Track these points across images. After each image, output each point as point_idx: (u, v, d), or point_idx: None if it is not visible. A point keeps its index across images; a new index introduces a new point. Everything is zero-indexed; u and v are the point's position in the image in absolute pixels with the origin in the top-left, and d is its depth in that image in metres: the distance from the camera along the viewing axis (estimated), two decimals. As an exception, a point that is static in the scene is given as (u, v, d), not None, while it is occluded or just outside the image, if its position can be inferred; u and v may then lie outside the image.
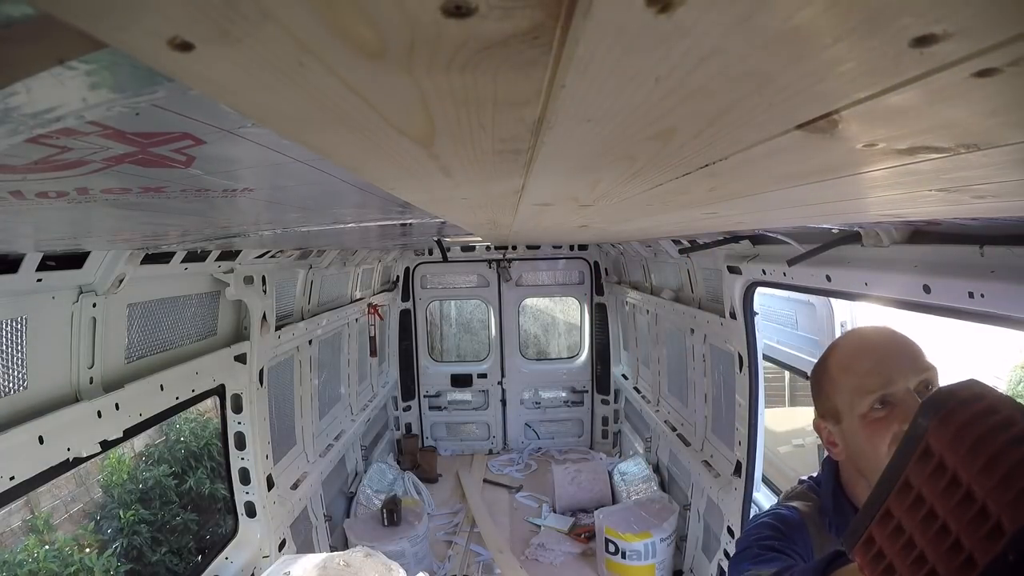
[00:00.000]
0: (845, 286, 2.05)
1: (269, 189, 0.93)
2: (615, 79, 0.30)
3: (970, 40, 0.24)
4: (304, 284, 3.75)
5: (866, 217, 1.36)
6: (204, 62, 0.26)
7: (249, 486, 3.00)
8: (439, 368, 6.71)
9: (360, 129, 0.39)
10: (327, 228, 1.77)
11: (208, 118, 0.48)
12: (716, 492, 3.51)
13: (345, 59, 0.26)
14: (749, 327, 3.07)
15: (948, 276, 1.51)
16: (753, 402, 3.13)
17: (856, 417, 0.93)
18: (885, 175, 0.59)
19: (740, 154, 0.49)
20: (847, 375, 0.96)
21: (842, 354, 1.00)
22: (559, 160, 0.53)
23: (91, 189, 0.71)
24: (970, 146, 0.44)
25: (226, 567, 2.81)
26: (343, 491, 4.71)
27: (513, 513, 5.19)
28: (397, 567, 2.13)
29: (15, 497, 1.66)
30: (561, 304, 9.46)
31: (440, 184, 0.64)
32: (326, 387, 4.42)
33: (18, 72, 0.32)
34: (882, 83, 0.30)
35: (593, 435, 6.57)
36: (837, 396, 0.97)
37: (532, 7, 0.22)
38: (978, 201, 0.74)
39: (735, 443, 3.29)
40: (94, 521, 5.73)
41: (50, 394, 1.82)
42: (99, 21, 0.23)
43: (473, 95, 0.32)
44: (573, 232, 2.20)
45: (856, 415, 0.93)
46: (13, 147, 0.48)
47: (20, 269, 1.56)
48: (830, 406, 0.99)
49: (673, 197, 0.86)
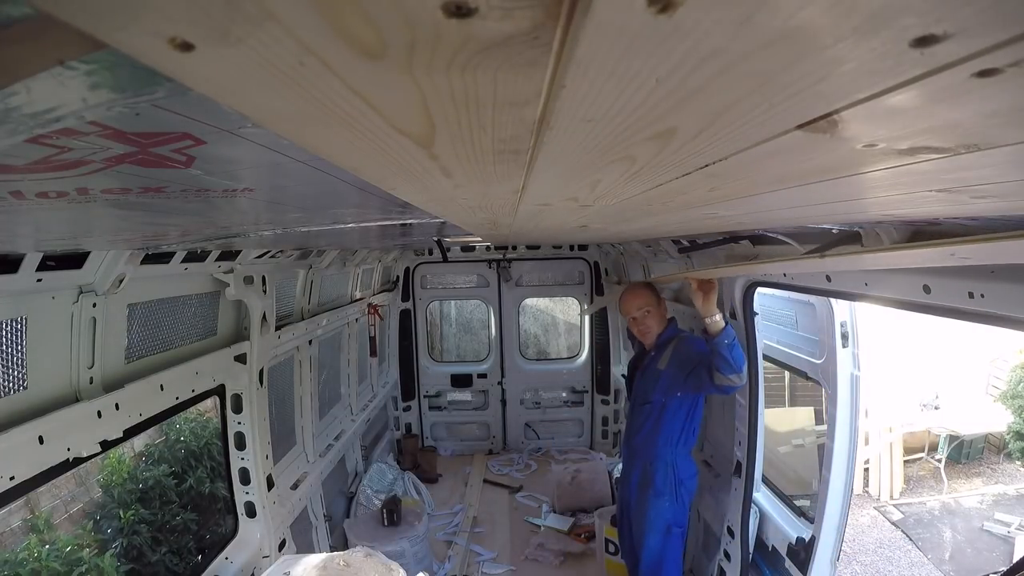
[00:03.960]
0: (845, 286, 2.05)
1: (269, 189, 0.93)
2: (615, 79, 0.30)
3: (971, 40, 0.24)
4: (304, 284, 3.75)
5: (866, 217, 1.36)
6: (204, 62, 0.26)
7: (249, 486, 3.00)
8: (439, 368, 6.71)
9: (360, 129, 0.39)
10: (327, 228, 1.77)
11: (208, 118, 0.48)
12: (716, 492, 3.51)
13: (345, 59, 0.26)
14: (749, 327, 3.07)
15: (948, 276, 1.51)
16: (753, 402, 3.13)
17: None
18: (885, 175, 0.59)
19: (740, 154, 0.49)
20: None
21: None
22: (559, 160, 0.53)
23: (91, 189, 0.71)
24: (970, 146, 0.44)
25: (226, 567, 2.81)
26: (343, 491, 4.71)
27: (513, 513, 5.19)
28: (397, 567, 2.13)
29: (15, 497, 1.66)
30: (561, 304, 9.46)
31: (440, 184, 0.64)
32: (326, 387, 4.42)
33: (18, 72, 0.32)
34: (883, 83, 0.30)
35: (593, 435, 6.56)
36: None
37: (532, 7, 0.22)
38: (978, 201, 0.74)
39: (735, 443, 3.29)
40: (94, 521, 5.72)
41: (50, 394, 1.82)
42: (99, 21, 0.23)
43: (473, 95, 0.32)
44: (573, 232, 2.20)
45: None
46: (13, 147, 0.48)
47: (20, 269, 1.55)
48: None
49: (673, 197, 0.86)
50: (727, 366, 2.81)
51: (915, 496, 10.73)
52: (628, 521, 3.40)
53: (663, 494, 3.15)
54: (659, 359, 3.24)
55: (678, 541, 3.20)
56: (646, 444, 3.22)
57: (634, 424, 3.36)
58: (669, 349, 3.22)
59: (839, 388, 2.61)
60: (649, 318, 3.27)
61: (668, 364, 3.17)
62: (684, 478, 3.18)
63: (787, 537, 2.93)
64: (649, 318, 3.27)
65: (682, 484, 3.17)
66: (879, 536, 9.66)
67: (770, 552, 3.10)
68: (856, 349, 2.60)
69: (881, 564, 8.97)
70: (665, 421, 3.16)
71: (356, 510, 4.57)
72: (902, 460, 10.99)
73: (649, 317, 3.27)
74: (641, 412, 3.29)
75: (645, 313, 3.27)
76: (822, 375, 2.72)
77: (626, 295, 3.41)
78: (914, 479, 11.07)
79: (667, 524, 3.15)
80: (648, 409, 3.23)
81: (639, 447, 3.27)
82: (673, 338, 3.26)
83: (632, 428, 3.38)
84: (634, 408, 3.40)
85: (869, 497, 10.64)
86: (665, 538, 3.15)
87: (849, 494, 2.66)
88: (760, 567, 3.17)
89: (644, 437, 3.24)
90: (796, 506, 3.13)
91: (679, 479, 3.16)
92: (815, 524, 2.73)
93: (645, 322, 3.28)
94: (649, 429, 3.21)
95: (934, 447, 11.34)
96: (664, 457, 3.16)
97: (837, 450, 2.63)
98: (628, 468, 3.40)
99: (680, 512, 3.18)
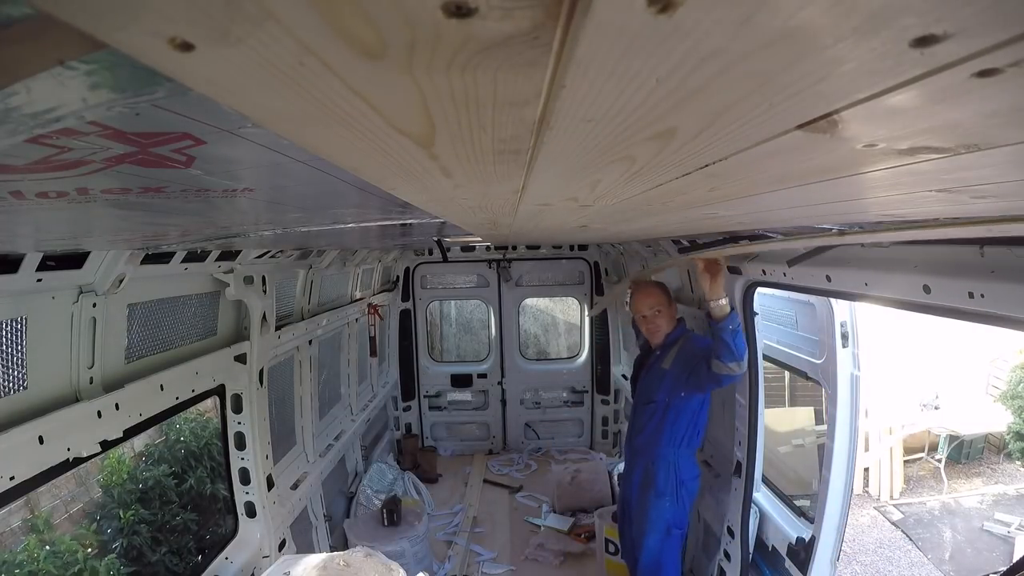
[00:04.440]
0: (845, 286, 2.05)
1: (269, 189, 0.93)
2: (615, 79, 0.30)
3: (971, 40, 0.24)
4: (304, 284, 3.75)
5: (866, 217, 1.36)
6: (204, 62, 0.26)
7: (249, 486, 3.00)
8: (439, 368, 6.71)
9: (360, 129, 0.39)
10: (327, 228, 1.77)
11: (208, 118, 0.48)
12: (716, 492, 3.51)
13: (346, 59, 0.26)
14: (749, 327, 3.07)
15: (948, 276, 1.51)
16: (753, 402, 3.13)
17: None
18: (885, 175, 0.59)
19: (740, 154, 0.49)
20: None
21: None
22: (559, 160, 0.53)
23: (91, 189, 0.71)
24: (970, 146, 0.44)
25: (226, 567, 2.81)
26: (343, 491, 4.71)
27: (513, 513, 5.19)
28: (397, 567, 2.13)
29: (15, 497, 1.66)
30: (561, 304, 9.45)
31: (440, 184, 0.64)
32: (326, 387, 4.42)
33: (18, 72, 0.32)
34: (883, 83, 0.30)
35: (593, 435, 6.56)
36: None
37: (532, 7, 0.22)
38: (978, 201, 0.74)
39: (735, 443, 3.29)
40: (94, 521, 5.72)
41: (50, 394, 1.82)
42: (99, 21, 0.23)
43: (473, 95, 0.32)
44: (573, 232, 2.20)
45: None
46: (13, 147, 0.48)
47: (20, 269, 1.55)
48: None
49: (673, 197, 0.86)
50: (728, 353, 2.78)
51: (915, 496, 10.73)
52: (629, 520, 3.40)
53: (664, 494, 3.14)
54: (664, 358, 3.23)
55: (677, 542, 3.20)
56: (648, 444, 3.21)
57: (637, 423, 3.35)
58: (675, 349, 3.21)
59: (839, 388, 2.61)
60: (660, 318, 3.27)
61: (673, 364, 3.16)
62: (686, 479, 3.17)
63: (787, 537, 2.93)
64: (660, 318, 3.27)
65: (683, 485, 3.16)
66: (879, 536, 9.66)
67: (770, 552, 3.10)
68: (856, 349, 2.60)
69: (881, 564, 8.97)
70: (668, 421, 3.15)
71: (356, 510, 4.57)
72: (902, 460, 11.00)
73: (660, 317, 3.27)
74: (644, 411, 3.28)
75: (656, 313, 3.26)
76: (822, 375, 2.72)
77: (638, 294, 3.39)
78: (914, 479, 11.07)
79: (667, 525, 3.14)
80: (652, 409, 3.22)
81: (641, 447, 3.26)
82: (680, 338, 3.25)
83: (635, 427, 3.37)
84: (637, 407, 3.40)
85: (869, 497, 10.65)
86: (664, 539, 3.14)
87: (849, 494, 2.66)
88: (760, 567, 3.17)
89: (647, 437, 3.23)
90: (796, 506, 3.13)
91: (680, 480, 3.15)
92: (815, 524, 2.73)
93: (655, 321, 3.27)
94: (652, 429, 3.20)
95: (934, 447, 11.35)
96: (667, 457, 3.15)
97: (837, 450, 2.63)
98: (630, 467, 3.39)
99: (680, 513, 3.17)
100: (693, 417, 3.16)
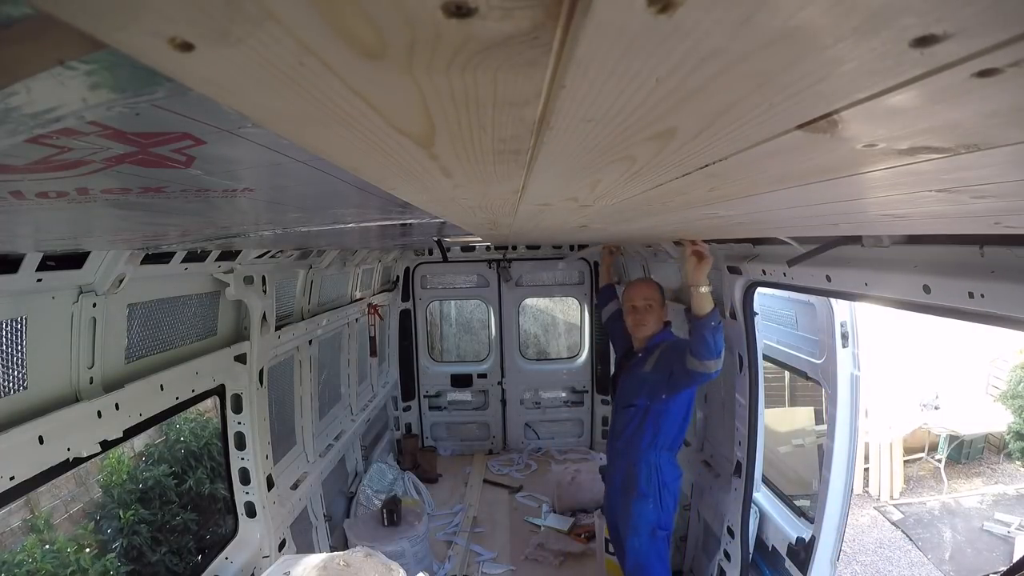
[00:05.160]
0: (845, 286, 2.05)
1: (269, 189, 0.93)
2: (615, 79, 0.30)
3: (971, 40, 0.24)
4: (304, 284, 3.75)
5: (866, 217, 1.36)
6: (204, 62, 0.26)
7: (249, 486, 3.00)
8: (439, 368, 6.71)
9: (360, 129, 0.39)
10: (327, 228, 1.77)
11: (208, 118, 0.48)
12: (716, 492, 3.51)
13: (345, 59, 0.26)
14: (749, 327, 3.07)
15: (948, 276, 1.51)
16: (753, 402, 3.13)
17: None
18: (885, 175, 0.59)
19: (740, 154, 0.49)
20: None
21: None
22: (559, 160, 0.53)
23: (91, 189, 0.71)
24: (970, 146, 0.44)
25: (226, 567, 2.81)
26: (343, 491, 4.71)
27: (513, 513, 5.19)
28: (397, 567, 2.13)
29: (15, 497, 1.66)
30: (561, 304, 9.46)
31: (440, 184, 0.64)
32: (326, 387, 4.42)
33: (18, 72, 0.32)
34: (883, 83, 0.30)
35: (593, 435, 6.56)
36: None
37: (532, 7, 0.22)
38: (978, 201, 0.74)
39: (735, 443, 3.29)
40: (94, 521, 5.72)
41: (50, 394, 1.82)
42: (99, 21, 0.23)
43: (473, 95, 0.32)
44: (573, 232, 2.20)
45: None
46: (13, 147, 0.48)
47: (20, 269, 1.56)
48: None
49: (673, 197, 0.86)
50: (707, 349, 2.73)
51: (915, 496, 10.74)
52: (615, 522, 3.39)
53: (647, 496, 3.12)
54: (646, 362, 3.20)
55: (664, 544, 3.18)
56: (628, 447, 3.19)
57: (617, 426, 3.33)
58: (657, 353, 3.18)
59: (839, 388, 2.61)
60: (649, 313, 3.25)
61: (654, 368, 3.13)
62: (668, 481, 3.15)
63: (787, 537, 2.93)
64: (649, 313, 3.25)
65: (666, 487, 3.13)
66: (879, 536, 9.66)
67: (770, 552, 3.10)
68: (856, 349, 2.60)
69: (881, 564, 8.98)
70: (649, 424, 3.13)
71: (356, 510, 4.57)
72: (902, 460, 11.00)
73: (649, 312, 3.25)
74: (624, 414, 3.26)
75: (647, 306, 3.25)
76: (822, 375, 2.72)
77: (635, 283, 3.40)
78: (914, 479, 11.08)
79: (651, 527, 3.12)
80: (632, 412, 3.20)
81: (622, 449, 3.24)
82: (664, 342, 3.23)
83: (615, 430, 3.35)
84: (617, 410, 3.38)
85: (869, 497, 10.65)
86: (650, 541, 3.12)
87: (849, 494, 2.66)
88: (760, 567, 3.17)
89: (627, 440, 3.21)
90: (796, 506, 3.13)
91: (663, 482, 3.13)
92: (815, 524, 2.73)
93: (644, 315, 3.25)
94: (632, 432, 3.18)
95: (934, 447, 11.36)
96: (648, 459, 3.13)
97: (837, 450, 2.63)
98: (612, 469, 3.38)
99: (665, 515, 3.16)
100: (674, 420, 3.13)
